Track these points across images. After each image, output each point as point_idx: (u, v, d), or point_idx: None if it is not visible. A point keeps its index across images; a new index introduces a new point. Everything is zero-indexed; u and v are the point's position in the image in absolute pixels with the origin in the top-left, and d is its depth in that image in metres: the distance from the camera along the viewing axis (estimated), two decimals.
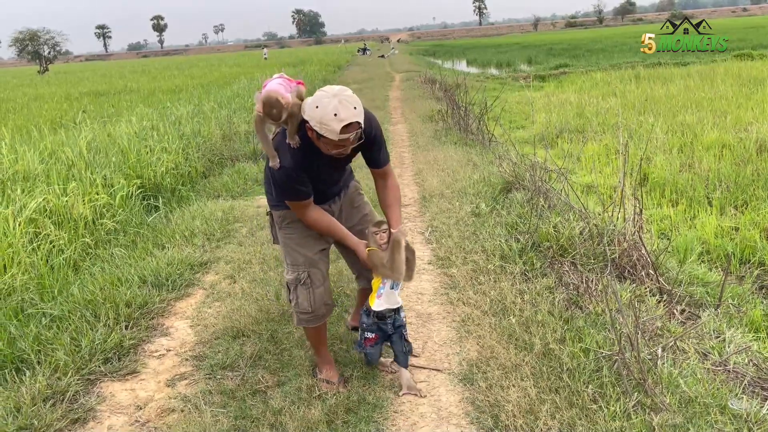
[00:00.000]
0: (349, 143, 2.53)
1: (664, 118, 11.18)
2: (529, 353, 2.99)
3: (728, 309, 4.19)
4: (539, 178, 5.36)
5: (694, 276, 4.65)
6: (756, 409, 2.69)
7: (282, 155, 2.63)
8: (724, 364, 3.16)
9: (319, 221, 2.82)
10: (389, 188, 2.98)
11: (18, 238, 4.83)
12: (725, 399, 2.71)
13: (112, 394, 3.05)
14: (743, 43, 28.97)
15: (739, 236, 5.69)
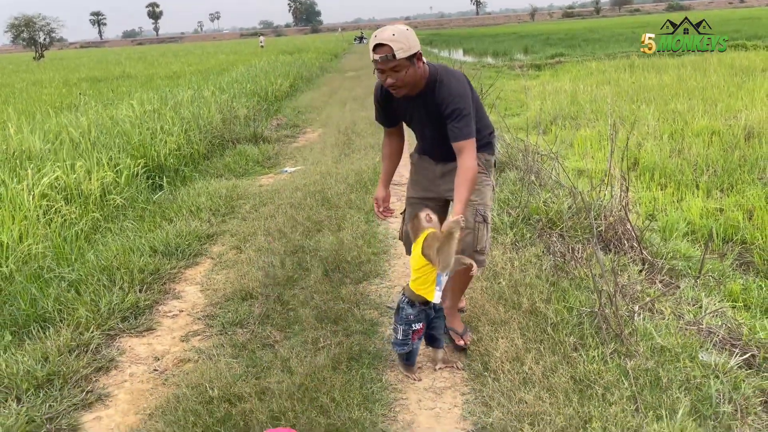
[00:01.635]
0: (385, 69, 2.67)
1: (656, 105, 11.41)
2: (517, 311, 3.24)
3: (708, 281, 4.44)
4: (531, 158, 5.59)
5: (676, 251, 4.90)
6: (724, 361, 2.94)
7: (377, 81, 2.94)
8: (698, 323, 3.41)
9: (383, 145, 3.27)
10: (462, 167, 2.74)
11: (32, 211, 5.06)
12: (696, 351, 2.97)
13: (131, 348, 3.30)
14: (738, 34, 29.14)
15: (723, 217, 5.93)
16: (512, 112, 12.89)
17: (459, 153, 2.76)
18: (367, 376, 2.79)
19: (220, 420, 2.47)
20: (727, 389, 2.69)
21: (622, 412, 2.37)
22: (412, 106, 2.94)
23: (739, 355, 3.13)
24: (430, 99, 2.84)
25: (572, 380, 2.60)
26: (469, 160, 2.73)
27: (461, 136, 2.75)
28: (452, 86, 2.80)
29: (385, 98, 2.99)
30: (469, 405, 2.60)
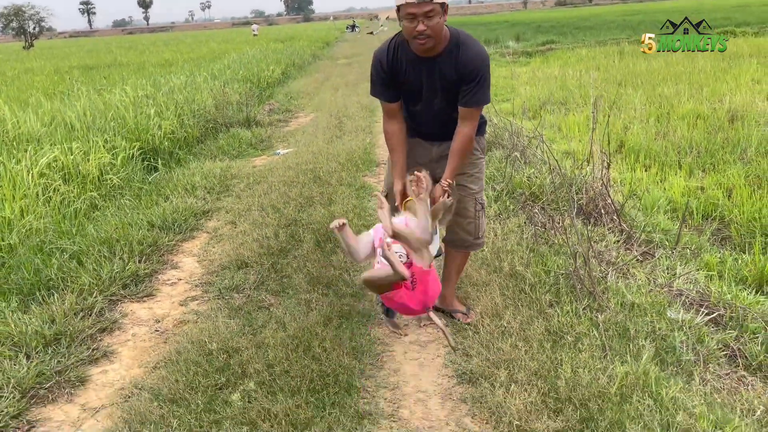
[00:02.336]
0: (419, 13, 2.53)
1: (644, 90, 11.61)
2: (498, 274, 3.44)
3: (685, 253, 4.65)
4: (516, 137, 5.78)
5: (656, 225, 5.10)
6: (690, 317, 3.15)
7: (379, 48, 2.83)
8: (669, 286, 3.61)
9: (388, 135, 2.93)
10: (459, 134, 2.77)
11: (32, 189, 5.21)
12: (664, 309, 3.17)
13: (132, 312, 3.47)
14: (727, 21, 29.35)
15: (704, 195, 6.14)
16: (502, 97, 13.06)
17: (464, 119, 2.75)
18: (357, 331, 2.98)
19: (219, 369, 2.66)
20: (692, 342, 2.89)
21: (591, 357, 2.57)
22: (425, 71, 2.75)
23: (706, 314, 3.34)
24: (449, 61, 2.71)
25: (546, 332, 2.80)
26: (470, 128, 2.77)
27: (480, 102, 2.75)
28: (478, 49, 2.74)
29: (393, 64, 2.77)
30: (451, 355, 2.79)
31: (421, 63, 2.74)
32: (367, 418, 2.36)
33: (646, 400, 2.29)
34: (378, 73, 2.84)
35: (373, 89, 2.93)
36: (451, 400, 2.48)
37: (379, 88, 2.88)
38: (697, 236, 5.16)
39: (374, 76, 2.87)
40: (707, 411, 2.28)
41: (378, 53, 2.84)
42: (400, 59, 2.77)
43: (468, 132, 2.77)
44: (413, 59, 2.75)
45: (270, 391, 2.46)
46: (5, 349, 2.94)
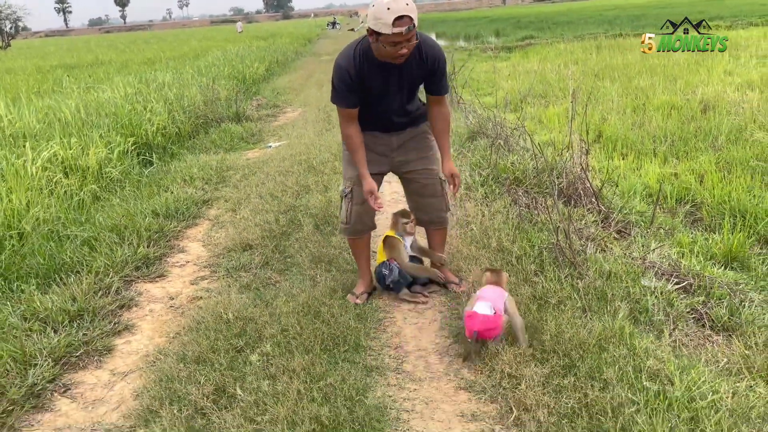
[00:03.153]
0: (404, 40, 2.66)
1: (620, 82, 11.99)
2: (487, 249, 3.73)
3: (659, 233, 4.97)
4: (500, 126, 6.08)
5: (632, 207, 5.43)
6: (662, 285, 3.47)
7: (342, 56, 2.91)
8: (643, 258, 3.93)
9: (350, 138, 3.03)
10: (443, 114, 3.12)
11: (36, 182, 5.40)
12: (638, 277, 3.48)
13: (147, 290, 3.72)
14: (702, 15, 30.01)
15: (677, 181, 6.48)
16: (484, 92, 13.38)
17: (439, 103, 3.11)
18: None
19: (237, 334, 2.92)
20: (663, 305, 3.21)
21: (572, 317, 2.87)
22: (392, 74, 2.93)
23: (676, 282, 3.66)
24: (414, 62, 2.90)
25: (532, 296, 3.10)
26: (446, 108, 3.16)
27: (446, 88, 3.13)
28: (437, 45, 3.01)
29: (360, 72, 2.89)
30: (446, 319, 3.08)
31: (387, 68, 2.90)
32: (375, 371, 2.64)
33: (621, 350, 2.59)
34: (344, 80, 2.90)
35: (336, 96, 2.97)
36: (449, 355, 2.77)
37: (343, 94, 2.94)
38: (671, 218, 5.49)
39: (338, 84, 2.92)
40: (675, 359, 2.59)
41: (343, 62, 2.90)
42: (366, 66, 2.89)
43: (447, 111, 3.18)
44: (379, 65, 2.88)
45: (287, 350, 2.73)
46: (34, 324, 3.17)
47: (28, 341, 2.98)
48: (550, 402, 2.31)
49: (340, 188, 3.30)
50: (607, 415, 2.20)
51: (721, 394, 2.34)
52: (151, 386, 2.60)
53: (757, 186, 5.39)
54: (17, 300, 3.47)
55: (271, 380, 2.52)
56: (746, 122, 7.39)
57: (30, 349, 2.91)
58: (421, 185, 3.30)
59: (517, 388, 2.42)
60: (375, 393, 2.47)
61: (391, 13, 2.60)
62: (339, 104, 2.99)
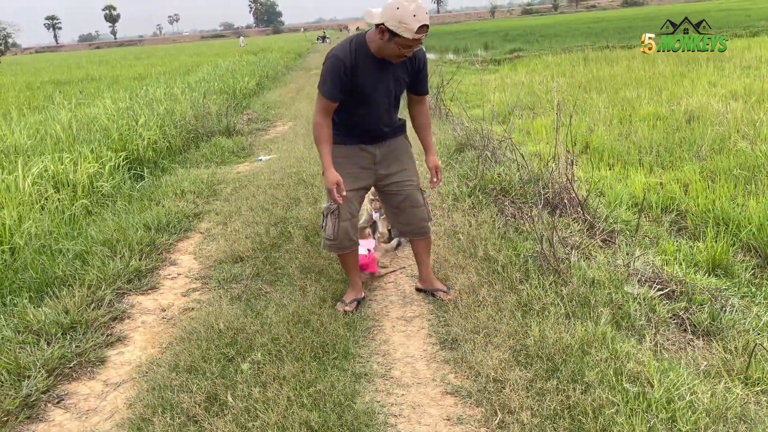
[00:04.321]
0: (417, 45, 2.88)
1: (607, 94, 12.17)
2: (474, 258, 3.81)
3: (644, 241, 5.07)
4: (487, 138, 6.19)
5: (617, 217, 5.53)
6: (645, 291, 3.55)
7: (339, 49, 3.01)
8: (627, 266, 4.02)
9: (322, 128, 3.06)
10: (425, 111, 3.39)
11: (26, 197, 5.44)
12: (621, 284, 3.57)
13: (139, 303, 3.76)
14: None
15: (663, 190, 6.60)
16: (473, 104, 13.53)
17: (421, 103, 3.35)
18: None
19: (229, 344, 2.97)
20: (645, 310, 3.29)
21: (556, 323, 2.95)
22: (382, 74, 3.04)
23: (659, 289, 3.74)
24: (403, 63, 3.07)
25: (517, 303, 3.17)
26: (426, 106, 3.41)
27: (427, 90, 3.36)
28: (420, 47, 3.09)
29: (354, 66, 2.97)
30: (434, 327, 3.15)
31: (380, 65, 3.02)
32: (364, 377, 2.70)
33: (603, 353, 2.66)
34: (337, 71, 2.96)
35: (324, 84, 3.02)
36: (436, 362, 2.83)
37: (331, 85, 2.99)
38: (656, 227, 5.59)
39: (331, 75, 2.98)
40: (655, 362, 2.66)
41: (340, 54, 2.98)
42: (362, 60, 3.00)
43: (427, 109, 3.44)
44: (374, 61, 3.00)
45: (277, 358, 2.79)
46: (27, 337, 3.21)
47: (22, 353, 3.02)
48: (533, 404, 2.37)
49: (323, 205, 3.33)
50: (588, 416, 2.27)
51: (699, 395, 2.41)
52: (144, 395, 2.65)
53: (740, 194, 5.51)
54: (10, 313, 3.51)
55: (262, 387, 2.58)
56: (730, 132, 7.54)
57: (24, 360, 2.95)
58: (404, 197, 3.38)
59: (501, 391, 2.48)
60: (363, 398, 2.53)
61: (416, 21, 2.76)
62: (324, 93, 3.02)
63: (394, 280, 3.81)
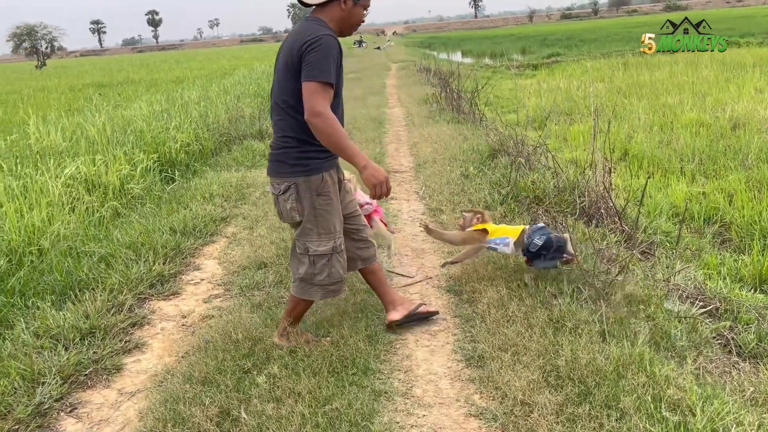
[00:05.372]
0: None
1: (648, 100, 11.83)
2: (504, 270, 3.64)
3: (685, 254, 4.83)
4: (521, 144, 6.00)
5: (657, 227, 5.29)
6: (686, 308, 3.34)
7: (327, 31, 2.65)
8: (667, 281, 3.80)
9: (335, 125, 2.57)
10: None
11: (57, 198, 5.47)
12: (661, 300, 3.36)
13: (160, 308, 3.70)
14: (732, 32, 29.61)
15: (705, 200, 6.32)
16: (508, 109, 13.32)
17: None
18: (371, 322, 3.19)
19: (245, 355, 2.87)
20: (686, 330, 3.08)
21: (589, 342, 2.76)
22: None
23: (701, 306, 3.52)
24: None
25: (549, 319, 3.00)
26: None
27: None
28: None
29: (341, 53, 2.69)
30: (459, 342, 2.99)
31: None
32: (383, 395, 2.56)
33: (640, 377, 2.48)
34: (336, 55, 2.63)
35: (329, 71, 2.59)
36: (460, 380, 2.68)
37: (334, 68, 2.62)
38: (698, 238, 5.33)
39: (330, 56, 2.59)
40: (697, 387, 2.46)
41: (333, 35, 2.66)
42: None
43: None
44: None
45: (294, 372, 2.68)
46: (45, 342, 3.17)
47: (38, 359, 2.98)
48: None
49: (322, 249, 2.76)
50: None
51: (745, 426, 2.22)
52: (156, 407, 2.56)
53: None
54: (32, 316, 3.48)
55: (276, 403, 2.47)
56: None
57: (39, 366, 2.90)
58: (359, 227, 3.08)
59: (529, 416, 2.32)
60: (382, 419, 2.40)
61: None
62: (332, 78, 2.58)
63: (419, 290, 3.66)
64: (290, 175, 2.70)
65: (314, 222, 2.73)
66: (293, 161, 2.68)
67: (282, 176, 2.73)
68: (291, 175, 2.70)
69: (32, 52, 62.32)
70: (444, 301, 3.47)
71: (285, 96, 2.67)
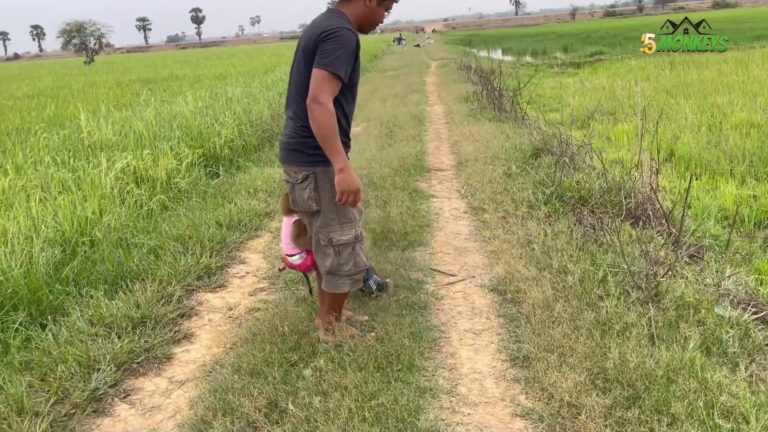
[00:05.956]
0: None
1: (695, 99, 11.53)
2: (549, 270, 3.61)
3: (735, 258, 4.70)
4: (565, 143, 5.93)
5: (705, 230, 5.16)
6: (738, 314, 3.26)
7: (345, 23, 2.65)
8: (717, 285, 3.71)
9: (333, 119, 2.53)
10: None
11: (108, 191, 5.63)
12: (712, 305, 3.29)
13: (207, 300, 3.78)
14: None
15: (756, 203, 6.14)
16: (550, 108, 13.15)
17: None
18: (415, 318, 3.21)
19: (292, 348, 2.92)
20: (738, 336, 3.01)
21: (638, 345, 2.73)
22: None
23: (754, 312, 3.43)
24: None
25: (596, 321, 2.97)
26: None
27: None
28: None
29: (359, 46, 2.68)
30: (504, 342, 2.99)
31: None
32: (428, 392, 2.58)
33: (691, 383, 2.43)
34: (352, 48, 2.61)
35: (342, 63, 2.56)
36: (505, 380, 2.68)
37: (350, 64, 2.60)
38: (749, 243, 5.19)
39: (347, 52, 2.58)
40: (750, 395, 2.41)
41: (350, 29, 2.64)
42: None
43: None
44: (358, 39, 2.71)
45: (340, 366, 2.71)
46: (99, 329, 3.27)
47: (93, 345, 3.08)
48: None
49: (345, 238, 2.77)
50: None
51: None
52: (206, 396, 2.63)
53: None
54: (86, 305, 3.60)
55: (323, 396, 2.50)
56: None
57: (95, 353, 3.00)
58: None
59: (576, 418, 2.30)
60: (427, 415, 2.41)
61: None
62: (342, 71, 2.55)
63: (462, 289, 3.66)
64: (308, 165, 2.71)
65: (335, 212, 2.74)
66: (312, 151, 2.68)
67: (299, 165, 2.74)
68: (309, 164, 2.71)
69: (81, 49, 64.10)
70: (487, 300, 3.47)
71: (304, 85, 2.66)
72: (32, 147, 7.83)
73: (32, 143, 8.15)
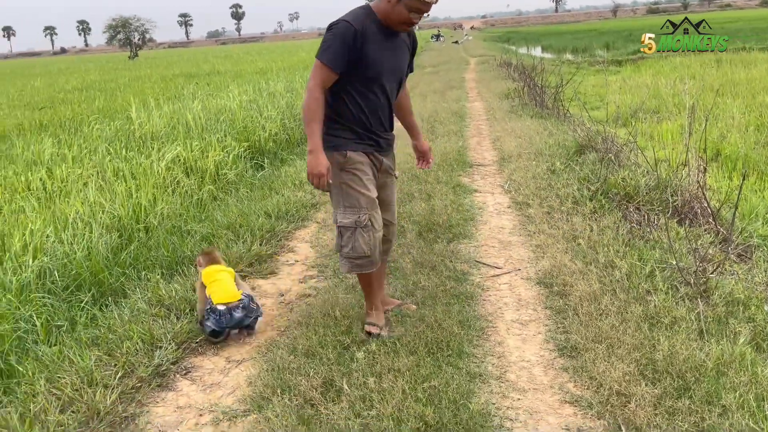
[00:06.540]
0: (427, 9, 2.74)
1: (743, 99, 11.30)
2: (596, 264, 3.64)
3: None
4: (610, 140, 5.91)
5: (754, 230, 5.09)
6: None
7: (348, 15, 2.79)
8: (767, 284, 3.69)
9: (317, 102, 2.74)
10: (408, 94, 3.25)
11: (161, 181, 5.84)
12: (762, 303, 3.28)
13: (259, 286, 3.92)
14: None
15: None
16: (592, 105, 13.01)
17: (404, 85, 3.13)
18: (463, 308, 3.28)
19: (344, 332, 3.03)
20: None
21: (687, 338, 2.75)
22: (393, 45, 2.87)
23: None
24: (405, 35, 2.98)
25: (644, 315, 3.00)
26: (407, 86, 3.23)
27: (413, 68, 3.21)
28: None
29: (364, 34, 2.74)
30: (551, 333, 3.04)
31: (389, 38, 2.84)
32: (478, 378, 2.65)
33: (742, 376, 2.45)
34: (345, 36, 2.70)
35: (329, 53, 2.72)
36: (553, 369, 2.73)
37: (340, 52, 2.71)
38: None
39: (338, 40, 2.70)
40: None
41: (349, 18, 2.74)
42: (370, 26, 2.78)
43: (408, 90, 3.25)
44: (381, 29, 2.80)
45: (392, 350, 2.80)
46: (159, 310, 3.43)
47: (155, 325, 3.23)
48: (662, 423, 2.23)
49: (344, 221, 2.87)
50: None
51: None
52: (264, 375, 2.75)
53: None
54: (144, 288, 3.77)
55: (377, 378, 2.60)
56: None
57: (156, 332, 3.15)
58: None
59: (626, 405, 2.35)
60: (478, 399, 2.49)
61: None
62: (325, 59, 2.71)
63: (508, 281, 3.72)
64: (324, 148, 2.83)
65: (340, 194, 2.89)
66: (324, 135, 2.83)
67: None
68: (324, 147, 2.83)
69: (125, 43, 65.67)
70: (534, 292, 3.52)
71: None
72: (86, 137, 8.15)
73: (86, 134, 8.47)
